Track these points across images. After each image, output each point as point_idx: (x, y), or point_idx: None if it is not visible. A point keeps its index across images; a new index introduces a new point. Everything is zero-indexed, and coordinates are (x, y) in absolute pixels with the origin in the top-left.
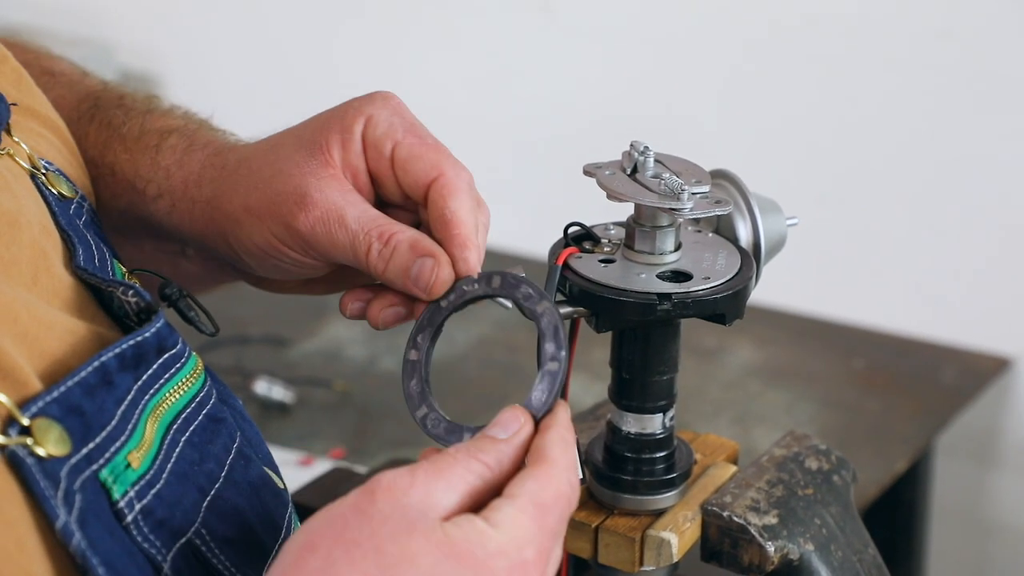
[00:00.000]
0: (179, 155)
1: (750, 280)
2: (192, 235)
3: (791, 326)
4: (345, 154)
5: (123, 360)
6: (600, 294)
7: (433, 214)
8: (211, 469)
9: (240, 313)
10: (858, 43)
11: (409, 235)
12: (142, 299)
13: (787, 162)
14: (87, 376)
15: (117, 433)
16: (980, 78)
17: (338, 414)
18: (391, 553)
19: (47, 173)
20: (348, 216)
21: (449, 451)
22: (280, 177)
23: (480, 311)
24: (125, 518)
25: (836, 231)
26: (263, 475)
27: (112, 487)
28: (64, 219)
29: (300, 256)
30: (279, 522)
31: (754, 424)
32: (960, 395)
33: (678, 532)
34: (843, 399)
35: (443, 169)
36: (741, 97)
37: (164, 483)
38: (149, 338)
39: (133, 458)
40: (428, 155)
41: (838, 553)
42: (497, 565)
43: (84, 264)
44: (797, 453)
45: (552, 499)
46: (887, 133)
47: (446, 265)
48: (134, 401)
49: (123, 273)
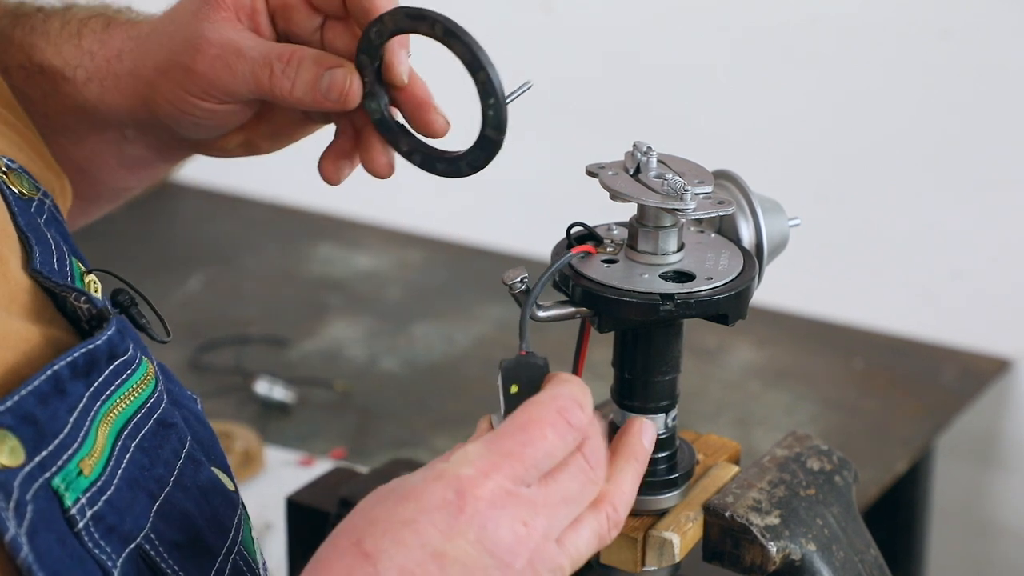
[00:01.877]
0: (99, 35)
1: (753, 280)
2: (124, 113)
3: (792, 327)
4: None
5: (75, 368)
6: (603, 294)
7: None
8: (160, 474)
9: (240, 313)
10: (858, 43)
11: (311, 51)
12: (93, 306)
13: (787, 162)
14: (40, 385)
15: (69, 441)
16: (980, 77)
17: (338, 414)
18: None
19: (8, 172)
20: (244, 47)
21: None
22: (178, 30)
23: (479, 311)
24: (76, 525)
25: (836, 232)
26: (212, 478)
27: (64, 494)
28: (24, 219)
29: (209, 103)
30: (227, 524)
31: (754, 424)
32: (960, 396)
33: (680, 532)
34: (843, 400)
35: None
36: (741, 96)
37: (115, 489)
38: (100, 345)
39: (85, 465)
40: None
41: (840, 553)
42: (434, 489)
43: (40, 267)
44: (799, 454)
45: (516, 426)
46: (888, 133)
47: (356, 73)
48: (86, 408)
49: (81, 272)
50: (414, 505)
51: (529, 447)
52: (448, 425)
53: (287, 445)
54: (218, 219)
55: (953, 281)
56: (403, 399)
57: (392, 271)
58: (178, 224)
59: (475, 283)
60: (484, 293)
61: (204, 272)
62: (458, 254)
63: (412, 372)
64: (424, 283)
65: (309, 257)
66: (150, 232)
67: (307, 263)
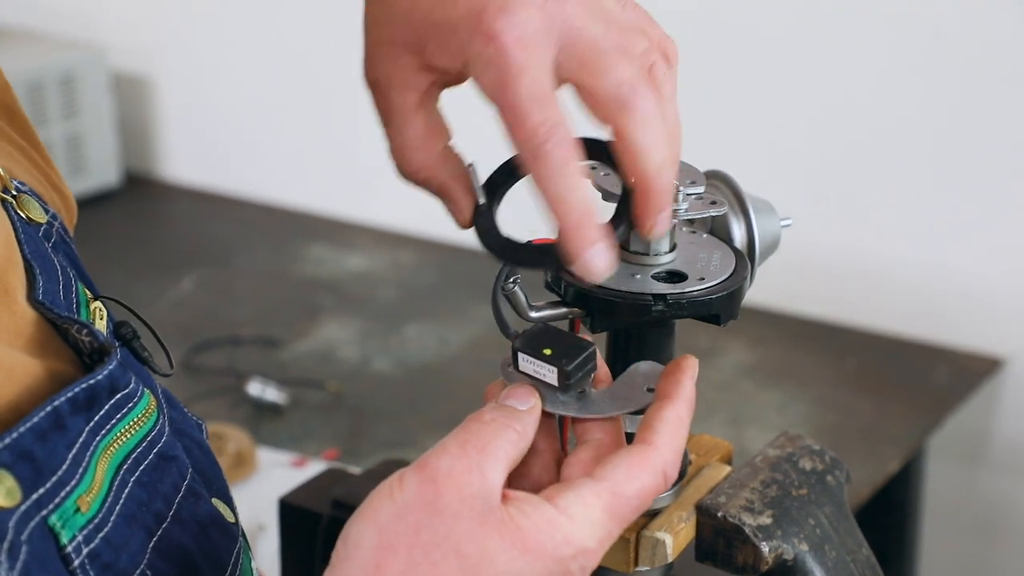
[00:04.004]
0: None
1: (745, 281)
2: None
3: (784, 327)
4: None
5: (75, 404)
6: (595, 295)
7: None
8: (159, 509)
9: (233, 315)
10: (851, 41)
11: (439, 177)
12: (95, 339)
13: (779, 162)
14: (39, 421)
15: (68, 477)
16: (974, 76)
17: (331, 415)
18: (470, 555)
19: (18, 196)
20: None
21: (483, 418)
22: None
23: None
24: (72, 563)
25: (829, 232)
26: (212, 512)
27: (60, 532)
28: (30, 246)
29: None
30: (225, 559)
31: (747, 424)
32: (952, 395)
33: (673, 532)
34: (835, 400)
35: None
36: (732, 96)
37: (112, 526)
38: (102, 380)
39: (83, 502)
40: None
41: (832, 553)
42: (562, 553)
43: (42, 297)
44: (791, 453)
45: (636, 491)
46: (880, 132)
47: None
48: (85, 443)
49: (87, 299)
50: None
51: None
52: (441, 426)
53: (279, 446)
54: (211, 220)
55: (945, 281)
56: (396, 400)
57: (384, 272)
58: (171, 225)
59: (467, 284)
60: (477, 294)
61: (197, 273)
62: (451, 255)
63: (405, 373)
64: (417, 284)
65: (301, 258)
66: (143, 233)
67: (299, 264)
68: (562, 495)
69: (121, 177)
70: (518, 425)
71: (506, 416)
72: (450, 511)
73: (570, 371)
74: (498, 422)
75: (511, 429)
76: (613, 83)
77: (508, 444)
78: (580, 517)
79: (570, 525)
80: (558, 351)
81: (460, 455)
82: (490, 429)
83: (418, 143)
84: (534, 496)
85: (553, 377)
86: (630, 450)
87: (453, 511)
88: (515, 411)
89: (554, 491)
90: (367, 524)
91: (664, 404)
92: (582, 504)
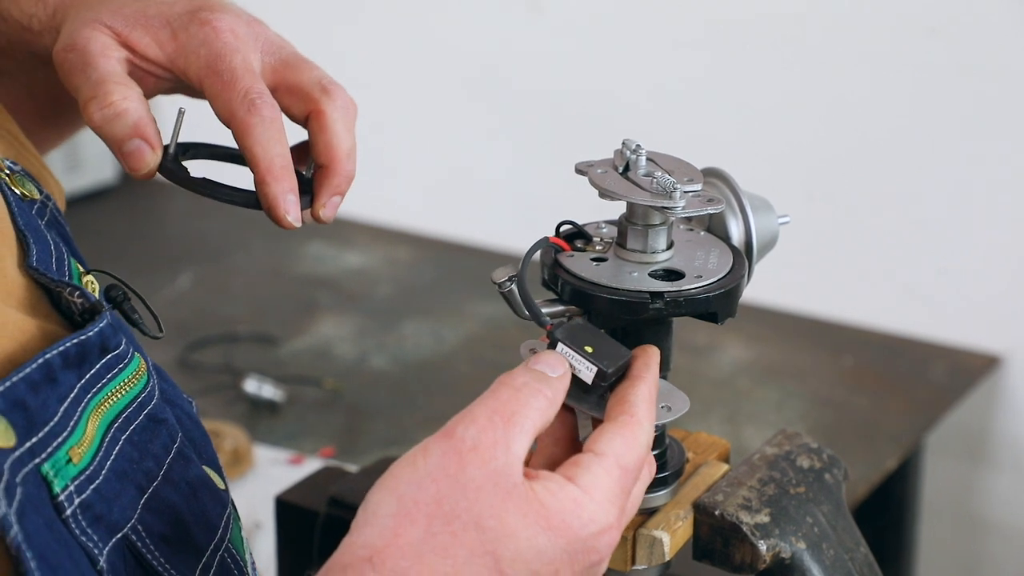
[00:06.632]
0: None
1: (742, 279)
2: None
3: (781, 324)
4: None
5: (67, 358)
6: (592, 292)
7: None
8: (149, 468)
9: (229, 312)
10: (846, 40)
11: (136, 111)
12: (87, 300)
13: (776, 160)
14: (31, 372)
15: (59, 428)
16: (969, 75)
17: (328, 412)
18: (491, 528)
19: (11, 174)
20: (93, 64)
21: (515, 383)
22: (81, 12)
23: (469, 309)
24: (64, 511)
25: (826, 229)
26: (202, 475)
27: (53, 480)
28: (23, 219)
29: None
30: (215, 521)
31: (744, 422)
32: (950, 393)
33: (670, 531)
34: (833, 397)
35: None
36: (730, 94)
37: (103, 479)
38: (92, 337)
39: (74, 453)
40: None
41: (830, 551)
42: (588, 532)
43: (36, 264)
44: (789, 451)
45: (635, 462)
46: (876, 130)
47: (159, 155)
48: (76, 399)
49: (80, 272)
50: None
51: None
52: (438, 423)
53: (276, 444)
54: (207, 217)
55: (942, 278)
56: (393, 397)
57: (382, 269)
58: (167, 222)
59: (465, 281)
60: (474, 291)
61: (193, 270)
62: (448, 252)
63: (402, 370)
64: (414, 281)
65: (298, 255)
66: (140, 230)
67: (296, 261)
68: (579, 475)
69: (117, 174)
70: (548, 391)
71: (538, 380)
72: (473, 484)
73: (609, 374)
74: (531, 387)
75: (542, 395)
76: (315, 77)
77: (536, 413)
78: (600, 496)
79: (593, 505)
80: (599, 351)
81: (487, 427)
82: (521, 396)
83: (118, 78)
84: (556, 475)
85: (589, 374)
86: (621, 423)
87: (476, 484)
88: (547, 377)
89: (570, 471)
90: (387, 492)
91: (637, 383)
92: (598, 483)
